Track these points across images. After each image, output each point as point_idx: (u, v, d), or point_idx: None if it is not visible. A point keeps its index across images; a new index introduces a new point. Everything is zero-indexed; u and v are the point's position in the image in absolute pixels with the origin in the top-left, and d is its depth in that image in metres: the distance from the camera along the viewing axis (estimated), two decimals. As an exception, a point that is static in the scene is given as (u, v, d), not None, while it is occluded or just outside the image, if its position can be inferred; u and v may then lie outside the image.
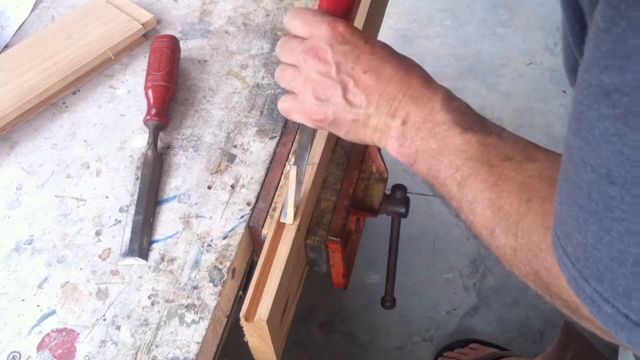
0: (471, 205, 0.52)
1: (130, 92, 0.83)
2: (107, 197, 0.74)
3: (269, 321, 0.61)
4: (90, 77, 0.84)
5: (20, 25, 0.92)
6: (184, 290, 0.66)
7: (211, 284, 0.66)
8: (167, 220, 0.72)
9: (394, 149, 0.57)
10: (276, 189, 0.73)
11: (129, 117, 0.81)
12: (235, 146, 0.77)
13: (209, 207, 0.72)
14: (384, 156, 0.82)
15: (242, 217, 0.71)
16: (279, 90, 0.82)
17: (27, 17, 0.93)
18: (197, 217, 0.71)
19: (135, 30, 0.86)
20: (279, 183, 0.73)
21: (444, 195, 0.56)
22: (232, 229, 0.70)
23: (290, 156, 0.76)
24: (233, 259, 0.68)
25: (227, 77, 0.84)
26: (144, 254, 0.68)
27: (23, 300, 0.67)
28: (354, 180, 0.75)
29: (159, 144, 0.77)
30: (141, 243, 0.69)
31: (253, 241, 0.72)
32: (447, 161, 0.53)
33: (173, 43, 0.83)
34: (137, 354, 0.62)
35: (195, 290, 0.66)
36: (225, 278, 0.67)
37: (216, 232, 0.70)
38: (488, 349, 1.47)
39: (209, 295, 0.66)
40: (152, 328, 0.64)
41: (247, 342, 0.65)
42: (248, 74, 0.84)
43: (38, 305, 0.66)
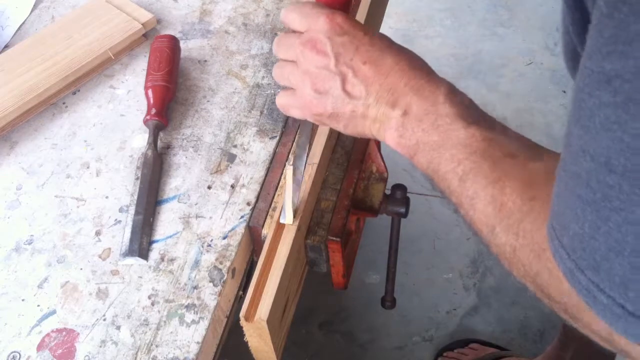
0: (472, 201, 0.51)
1: (130, 92, 0.83)
2: (107, 197, 0.74)
3: (269, 321, 0.61)
4: (90, 77, 0.84)
5: (20, 25, 0.92)
6: (184, 290, 0.66)
7: (211, 284, 0.66)
8: (167, 220, 0.72)
9: (393, 139, 0.56)
10: (276, 189, 0.73)
11: (129, 117, 0.81)
12: (235, 146, 0.77)
13: (209, 207, 0.72)
14: (384, 156, 0.82)
15: (242, 217, 0.71)
16: (279, 89, 0.82)
17: (27, 17, 0.93)
18: (197, 217, 0.71)
19: (135, 30, 0.86)
20: (279, 183, 0.73)
21: (443, 189, 0.54)
22: (232, 229, 0.70)
23: (290, 156, 0.76)
24: (233, 259, 0.68)
25: (227, 77, 0.84)
26: (144, 254, 0.68)
27: (23, 300, 0.67)
28: (354, 180, 0.75)
29: (159, 144, 0.77)
30: (141, 243, 0.69)
31: (253, 241, 0.72)
32: (448, 154, 0.52)
33: (173, 43, 0.83)
34: (137, 354, 0.62)
35: (195, 290, 0.66)
36: (225, 278, 0.67)
37: (216, 232, 0.70)
38: (488, 349, 1.47)
39: (209, 295, 0.66)
40: (152, 328, 0.64)
41: (247, 342, 0.65)
42: (248, 74, 0.84)
43: (38, 305, 0.66)
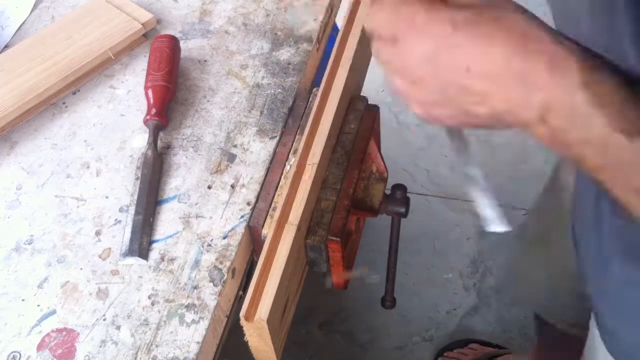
0: None
1: (130, 92, 0.83)
2: (107, 197, 0.74)
3: (269, 321, 0.61)
4: (90, 77, 0.84)
5: (20, 25, 0.92)
6: (184, 290, 0.66)
7: (211, 283, 0.66)
8: (167, 220, 0.72)
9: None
10: (276, 189, 0.73)
11: (129, 117, 0.81)
12: (235, 146, 0.77)
13: (209, 207, 0.72)
14: (384, 156, 0.82)
15: (242, 217, 0.71)
16: (279, 90, 0.82)
17: (27, 17, 0.93)
18: (197, 217, 0.71)
19: (135, 30, 0.86)
20: (278, 183, 0.73)
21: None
22: (232, 229, 0.70)
23: (290, 156, 0.76)
24: (233, 259, 0.68)
25: (227, 77, 0.84)
26: (144, 253, 0.68)
27: (23, 300, 0.67)
28: (354, 180, 0.75)
29: (159, 144, 0.77)
30: (141, 243, 0.69)
31: (253, 241, 0.72)
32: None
33: (173, 43, 0.83)
34: (137, 353, 0.62)
35: (195, 290, 0.66)
36: (225, 278, 0.67)
37: (216, 232, 0.70)
38: (487, 348, 1.48)
39: (209, 295, 0.66)
40: (152, 328, 0.64)
41: (247, 342, 0.65)
42: (248, 74, 0.84)
43: (38, 305, 0.66)
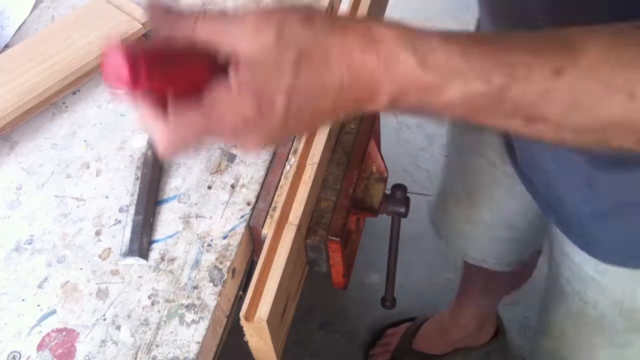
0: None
1: (130, 92, 0.83)
2: (107, 197, 0.74)
3: (269, 321, 0.61)
4: (90, 77, 0.84)
5: (20, 25, 0.92)
6: (184, 290, 0.66)
7: (211, 283, 0.66)
8: (167, 220, 0.72)
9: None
10: (276, 189, 0.73)
11: (129, 117, 0.81)
12: (235, 146, 0.77)
13: (209, 207, 0.72)
14: (384, 156, 0.82)
15: (242, 217, 0.71)
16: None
17: (27, 17, 0.93)
18: (197, 217, 0.71)
19: (135, 30, 0.86)
20: (278, 183, 0.73)
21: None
22: (232, 229, 0.70)
23: (290, 156, 0.76)
24: (233, 259, 0.68)
25: (227, 77, 0.84)
26: (144, 253, 0.68)
27: (23, 300, 0.67)
28: (354, 180, 0.75)
29: (159, 144, 0.77)
30: (141, 243, 0.69)
31: (253, 241, 0.72)
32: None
33: (173, 43, 0.83)
34: (137, 353, 0.62)
35: (195, 290, 0.66)
36: (225, 278, 0.67)
37: (216, 232, 0.70)
38: (401, 327, 1.51)
39: (209, 295, 0.66)
40: (152, 328, 0.64)
41: (247, 342, 0.65)
42: (248, 74, 0.84)
43: (38, 305, 0.66)
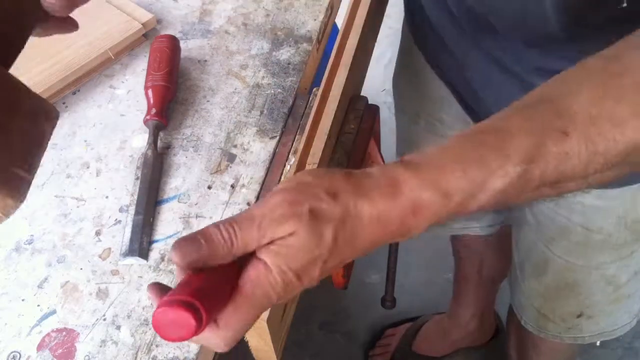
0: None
1: (130, 92, 0.83)
2: (107, 197, 0.74)
3: (269, 321, 0.61)
4: (90, 77, 0.84)
5: (20, 25, 0.92)
6: (184, 290, 0.66)
7: (211, 283, 0.66)
8: (167, 220, 0.72)
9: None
10: (276, 189, 0.73)
11: (129, 117, 0.81)
12: (235, 146, 0.77)
13: (209, 207, 0.72)
14: (384, 156, 0.82)
15: (242, 217, 0.71)
16: (279, 90, 0.82)
17: (27, 17, 0.93)
18: (197, 217, 0.71)
19: (135, 30, 0.86)
20: (278, 183, 0.73)
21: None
22: (232, 229, 0.70)
23: (290, 156, 0.76)
24: (233, 259, 0.68)
25: (227, 77, 0.84)
26: (144, 253, 0.68)
27: (23, 300, 0.67)
28: (354, 180, 0.74)
29: (159, 144, 0.77)
30: (141, 243, 0.69)
31: (253, 241, 0.72)
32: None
33: (173, 43, 0.83)
34: (137, 353, 0.62)
35: (195, 290, 0.66)
36: (225, 278, 0.67)
37: (216, 232, 0.70)
38: (401, 327, 1.51)
39: (209, 295, 0.65)
40: (152, 328, 0.64)
41: (247, 342, 0.65)
42: (248, 74, 0.84)
43: (38, 305, 0.66)
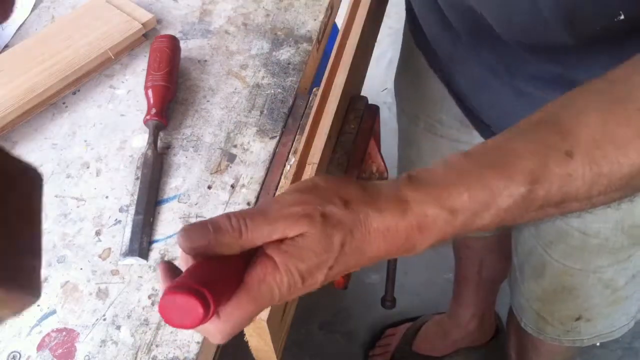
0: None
1: (130, 92, 0.83)
2: (107, 197, 0.74)
3: (269, 321, 0.61)
4: (90, 77, 0.84)
5: (20, 25, 0.92)
6: (184, 290, 0.66)
7: (211, 283, 0.66)
8: (167, 220, 0.72)
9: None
10: (276, 189, 0.73)
11: (129, 117, 0.81)
12: (235, 146, 0.77)
13: (209, 207, 0.72)
14: (384, 156, 0.82)
15: (242, 217, 0.71)
16: (279, 90, 0.82)
17: (27, 17, 0.93)
18: (197, 217, 0.71)
19: (135, 30, 0.86)
20: (278, 183, 0.73)
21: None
22: (232, 229, 0.70)
23: (290, 156, 0.76)
24: (233, 259, 0.68)
25: (227, 77, 0.84)
26: (144, 253, 0.68)
27: (23, 300, 0.66)
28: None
29: (159, 144, 0.77)
30: (141, 243, 0.69)
31: (253, 241, 0.72)
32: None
33: (173, 43, 0.83)
34: (137, 353, 0.62)
35: (195, 290, 0.66)
36: (225, 278, 0.67)
37: (216, 232, 0.70)
38: (401, 327, 1.51)
39: (209, 295, 0.65)
40: (152, 328, 0.64)
41: (247, 342, 0.65)
42: (248, 74, 0.84)
43: (38, 305, 0.66)
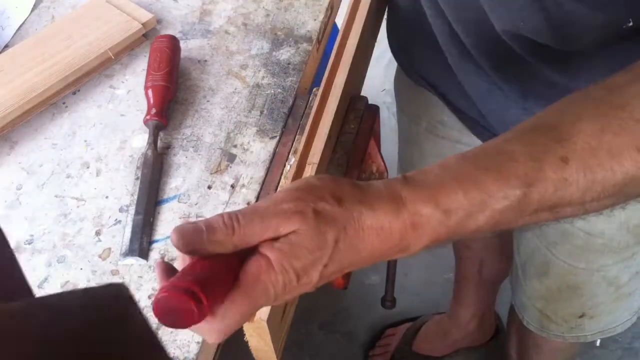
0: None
1: (130, 92, 0.83)
2: (107, 197, 0.74)
3: (269, 321, 0.61)
4: (90, 77, 0.84)
5: (20, 25, 0.92)
6: (184, 290, 0.66)
7: (211, 283, 0.66)
8: (167, 220, 0.72)
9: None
10: (276, 189, 0.73)
11: (129, 117, 0.81)
12: (235, 146, 0.77)
13: (209, 207, 0.72)
14: (384, 156, 0.82)
15: (242, 217, 0.71)
16: (279, 90, 0.82)
17: (27, 17, 0.93)
18: (197, 217, 0.71)
19: (135, 30, 0.86)
20: (278, 183, 0.73)
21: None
22: (232, 229, 0.70)
23: (290, 156, 0.76)
24: (233, 259, 0.68)
25: (227, 77, 0.84)
26: (144, 253, 0.68)
27: (23, 300, 0.66)
28: (354, 180, 0.74)
29: (159, 144, 0.77)
30: (141, 243, 0.69)
31: (253, 241, 0.72)
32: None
33: (173, 43, 0.83)
34: (137, 353, 0.62)
35: (195, 290, 0.66)
36: (225, 278, 0.67)
37: (216, 232, 0.70)
38: (401, 327, 1.51)
39: (209, 295, 0.65)
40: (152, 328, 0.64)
41: (247, 342, 0.65)
42: (248, 74, 0.84)
43: (38, 305, 0.66)
